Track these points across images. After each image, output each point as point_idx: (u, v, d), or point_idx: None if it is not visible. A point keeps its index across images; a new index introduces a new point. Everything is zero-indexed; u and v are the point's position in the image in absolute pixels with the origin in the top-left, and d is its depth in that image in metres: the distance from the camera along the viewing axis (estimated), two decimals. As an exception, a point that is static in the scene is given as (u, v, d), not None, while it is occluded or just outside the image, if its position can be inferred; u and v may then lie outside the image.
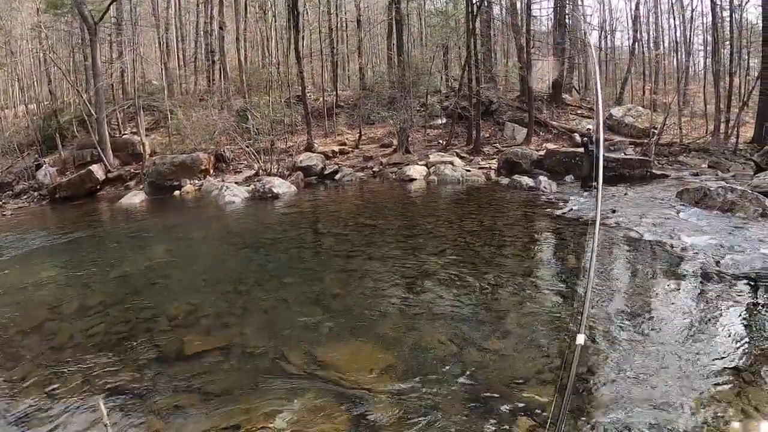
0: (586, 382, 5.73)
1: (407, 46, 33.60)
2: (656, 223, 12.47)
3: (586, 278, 3.42)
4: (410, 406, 5.49)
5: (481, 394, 5.65)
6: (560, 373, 5.77)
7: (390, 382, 6.01)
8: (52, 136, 31.98)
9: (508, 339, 6.94)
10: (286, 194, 21.05)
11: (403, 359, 6.55)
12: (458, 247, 11.86)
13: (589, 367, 6.05)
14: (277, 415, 5.45)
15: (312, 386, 6.00)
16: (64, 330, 8.30)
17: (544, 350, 6.54)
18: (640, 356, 6.22)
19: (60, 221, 19.81)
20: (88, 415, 5.70)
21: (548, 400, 5.33)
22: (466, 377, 6.03)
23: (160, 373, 6.58)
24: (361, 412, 5.45)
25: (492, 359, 6.42)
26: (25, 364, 7.14)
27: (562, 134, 27.62)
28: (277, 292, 9.43)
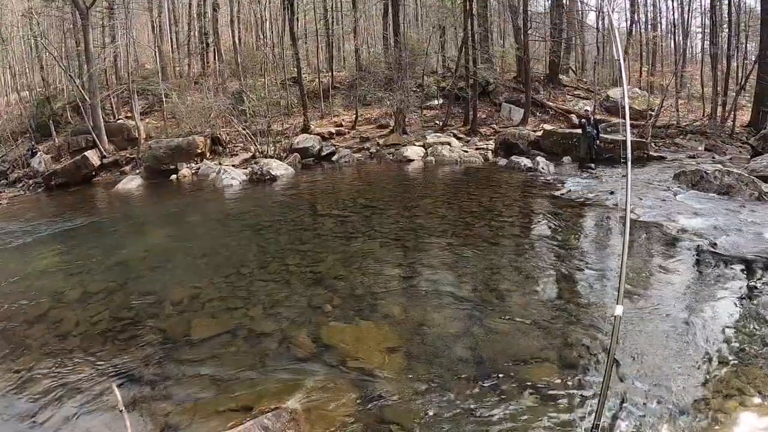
0: (589, 357, 5.90)
1: (403, 27, 33.33)
2: (654, 205, 12.51)
3: (621, 253, 3.47)
4: (417, 384, 5.57)
5: (487, 372, 5.73)
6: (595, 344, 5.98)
7: (396, 361, 6.09)
8: (45, 123, 31.73)
9: (511, 317, 7.00)
10: (283, 176, 21.08)
11: (408, 339, 6.62)
12: (459, 227, 11.92)
13: (592, 343, 6.16)
14: (288, 395, 5.50)
15: (321, 367, 6.08)
16: (69, 318, 8.27)
17: (547, 327, 6.60)
18: (637, 335, 6.31)
19: (57, 209, 19.65)
20: (101, 401, 5.74)
21: (552, 377, 5.46)
22: (470, 355, 6.12)
23: (168, 358, 6.62)
24: (369, 391, 5.52)
25: (496, 337, 6.49)
26: (33, 353, 7.14)
27: (559, 115, 27.61)
28: (279, 275, 9.45)
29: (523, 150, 21.52)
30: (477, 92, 27.10)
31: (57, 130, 31.36)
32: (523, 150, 21.52)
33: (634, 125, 24.46)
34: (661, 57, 37.01)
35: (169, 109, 30.34)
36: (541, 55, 33.44)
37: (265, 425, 4.84)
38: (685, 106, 28.22)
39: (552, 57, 31.27)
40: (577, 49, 37.11)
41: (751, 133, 22.27)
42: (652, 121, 23.60)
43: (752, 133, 22.14)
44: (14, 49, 38.01)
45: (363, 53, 35.77)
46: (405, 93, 26.21)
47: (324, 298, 8.09)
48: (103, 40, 35.33)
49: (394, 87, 26.55)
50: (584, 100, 28.30)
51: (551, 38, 30.19)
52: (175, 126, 29.10)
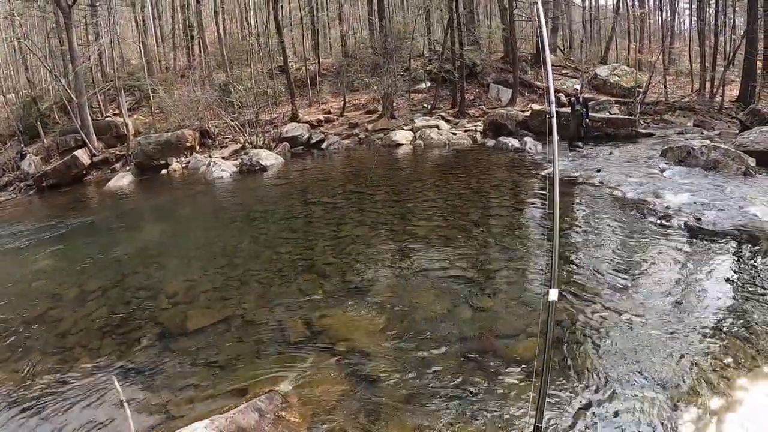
0: (567, 336, 6.00)
1: (388, 11, 33.30)
2: (640, 182, 12.63)
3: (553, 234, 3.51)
4: (406, 364, 5.76)
5: (473, 350, 5.94)
6: (538, 329, 6.01)
7: (386, 342, 6.27)
8: (33, 125, 31.47)
9: (497, 296, 7.20)
10: (273, 166, 21.10)
11: (397, 320, 6.78)
12: (446, 209, 12.04)
13: (569, 322, 6.28)
14: (281, 379, 5.68)
15: (312, 351, 6.25)
16: (67, 317, 8.39)
17: (532, 306, 6.74)
18: (620, 310, 6.46)
19: (49, 210, 19.59)
20: (102, 395, 5.88)
21: (535, 354, 5.51)
22: (458, 334, 6.29)
23: (165, 350, 6.77)
24: (360, 371, 5.71)
25: (482, 316, 6.68)
26: (33, 353, 7.25)
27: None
28: (271, 263, 9.60)
29: (512, 130, 21.54)
30: (464, 74, 27.00)
31: (45, 130, 31.13)
32: (511, 130, 21.54)
33: (623, 102, 24.48)
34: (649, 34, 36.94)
35: (157, 104, 30.24)
36: (529, 35, 33.29)
37: (258, 407, 5.01)
38: (674, 82, 28.24)
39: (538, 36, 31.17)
40: (564, 28, 36.99)
41: (739, 108, 22.30)
42: (640, 98, 23.57)
43: (741, 107, 22.17)
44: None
45: (349, 39, 35.61)
46: (392, 77, 26.14)
47: (315, 285, 8.25)
48: (87, 38, 35.08)
49: (381, 72, 26.47)
50: (572, 78, 28.20)
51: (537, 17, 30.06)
52: (163, 121, 29.00)
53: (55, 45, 33.30)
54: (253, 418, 4.86)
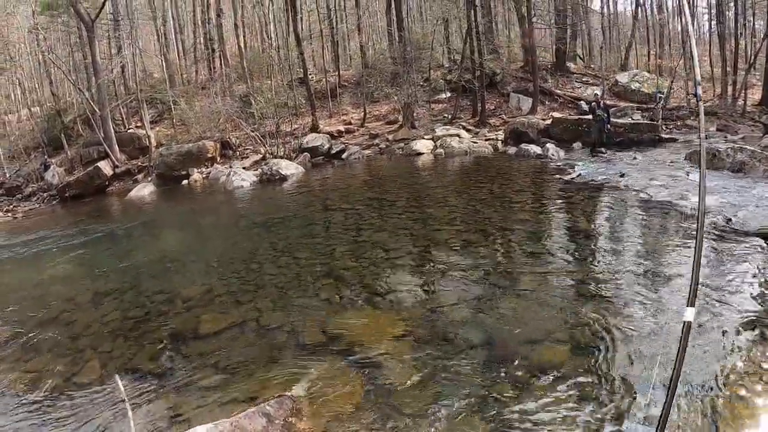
0: (604, 337, 5.71)
1: (407, 21, 33.29)
2: (666, 185, 12.37)
3: (695, 250, 3.07)
4: (426, 371, 5.49)
5: (497, 356, 5.64)
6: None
7: (406, 348, 6.02)
8: (57, 137, 32.09)
9: (521, 301, 6.90)
10: (293, 175, 21.11)
11: (418, 325, 6.55)
12: (468, 214, 11.87)
13: (607, 322, 6.00)
14: (293, 384, 5.49)
15: (328, 356, 6.04)
16: (80, 319, 8.41)
17: (558, 310, 6.49)
18: (655, 312, 6.17)
19: (71, 219, 19.86)
20: (108, 395, 5.81)
21: (562, 360, 5.35)
22: (481, 340, 6.03)
23: (176, 353, 6.69)
24: (377, 378, 5.46)
25: (506, 321, 6.38)
26: (44, 354, 7.26)
27: (568, 103, 27.35)
28: (289, 268, 9.48)
29: (533, 138, 21.34)
30: (484, 83, 26.86)
31: (69, 142, 31.66)
32: (532, 138, 21.34)
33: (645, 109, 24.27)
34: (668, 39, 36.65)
35: (179, 116, 30.49)
36: (548, 43, 33.18)
37: (266, 412, 4.83)
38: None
39: (558, 44, 31.01)
40: (583, 35, 36.80)
41: (762, 111, 22.05)
42: (662, 103, 23.34)
43: (764, 111, 21.91)
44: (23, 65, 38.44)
45: (369, 50, 35.67)
46: (412, 87, 26.08)
47: (333, 289, 8.11)
48: (109, 51, 35.54)
49: (401, 81, 26.44)
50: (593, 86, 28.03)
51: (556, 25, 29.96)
52: (185, 132, 29.25)
53: (79, 59, 33.82)
54: (260, 423, 4.69)
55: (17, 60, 37.01)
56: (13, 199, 28.33)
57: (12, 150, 33.50)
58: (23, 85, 38.96)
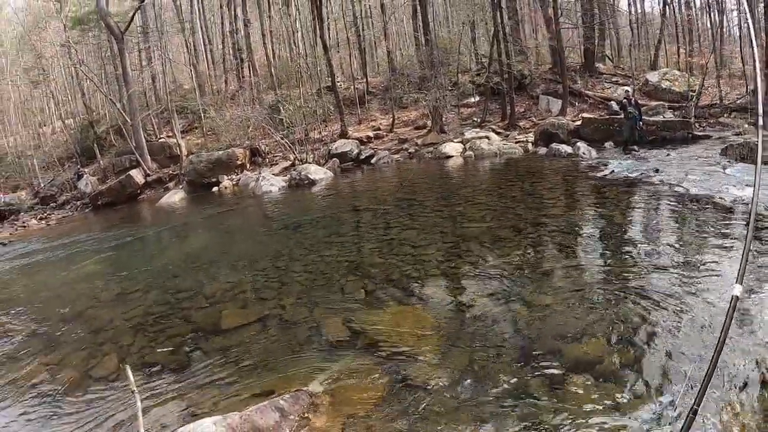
0: (641, 333, 5.47)
1: (433, 26, 33.23)
2: (702, 179, 12.03)
3: (747, 230, 2.98)
4: (454, 368, 5.27)
5: (530, 353, 5.36)
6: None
7: (432, 345, 5.83)
8: (90, 147, 32.86)
9: (555, 296, 6.64)
10: (322, 180, 21.19)
11: (446, 321, 6.39)
12: (499, 211, 11.70)
13: (646, 317, 5.75)
14: (311, 379, 5.38)
15: (350, 352, 5.94)
16: (103, 315, 8.56)
17: (593, 305, 6.24)
18: (693, 306, 5.86)
19: (102, 225, 20.41)
20: (122, 388, 5.85)
21: (598, 355, 5.10)
22: (512, 336, 5.82)
23: (195, 348, 6.70)
24: (401, 375, 5.28)
25: (540, 317, 6.16)
26: (64, 348, 7.40)
27: (598, 103, 26.99)
28: (315, 265, 9.45)
29: (564, 139, 21.03)
30: (513, 86, 26.64)
31: (101, 152, 32.36)
32: (563, 139, 21.03)
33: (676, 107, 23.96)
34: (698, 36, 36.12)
35: (209, 124, 30.82)
36: (575, 44, 32.91)
37: (280, 406, 4.69)
38: (727, 84, 27.46)
39: (586, 45, 30.72)
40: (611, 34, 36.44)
41: (798, 106, 21.57)
42: (693, 101, 23.01)
43: (800, 105, 21.44)
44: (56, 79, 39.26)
45: (396, 56, 35.72)
46: (440, 91, 26.02)
47: (358, 285, 8.01)
48: (140, 63, 36.16)
49: (429, 86, 26.40)
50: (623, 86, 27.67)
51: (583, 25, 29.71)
52: (215, 141, 29.56)
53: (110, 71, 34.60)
54: (272, 418, 4.52)
55: (50, 74, 37.82)
56: (48, 207, 29.15)
57: (46, 160, 34.42)
58: (56, 97, 39.88)
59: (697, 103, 23.11)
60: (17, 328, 8.82)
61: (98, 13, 30.44)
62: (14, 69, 38.84)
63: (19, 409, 5.94)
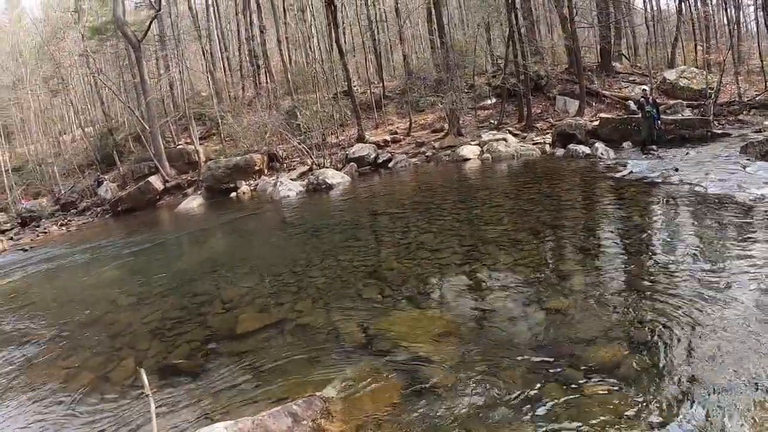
0: (661, 336, 5.37)
1: (448, 28, 33.23)
2: (722, 178, 11.87)
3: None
4: (471, 372, 5.22)
5: (547, 358, 5.29)
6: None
7: (449, 348, 5.79)
8: (109, 154, 33.39)
9: (573, 299, 6.57)
10: (340, 184, 21.31)
11: (463, 325, 6.36)
12: (516, 214, 11.68)
13: (666, 321, 5.65)
14: (326, 384, 5.36)
15: (367, 356, 5.92)
16: (121, 320, 8.70)
17: (612, 308, 6.17)
18: (715, 308, 5.75)
19: (121, 230, 20.71)
20: (136, 391, 5.91)
21: (617, 360, 5.02)
22: (529, 339, 5.76)
23: (211, 352, 6.75)
24: (417, 379, 5.25)
25: (558, 320, 6.10)
26: (83, 352, 7.53)
27: (615, 103, 26.83)
28: (331, 270, 9.49)
29: (581, 140, 20.89)
30: (529, 87, 26.55)
31: (121, 159, 32.86)
32: (581, 140, 20.89)
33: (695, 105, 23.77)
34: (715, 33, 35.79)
35: (226, 131, 31.02)
36: (591, 43, 32.77)
37: (293, 411, 4.65)
38: (746, 80, 27.19)
39: (602, 44, 30.54)
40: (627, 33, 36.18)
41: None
42: (712, 99, 22.80)
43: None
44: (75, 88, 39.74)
45: (412, 60, 35.73)
46: (456, 93, 25.98)
47: (375, 290, 8.00)
48: (157, 71, 36.51)
49: (445, 88, 26.40)
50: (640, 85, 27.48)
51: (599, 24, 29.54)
52: (233, 147, 29.77)
53: (128, 79, 34.98)
54: (285, 423, 4.48)
55: (69, 83, 38.29)
56: (68, 213, 29.80)
57: (66, 168, 34.94)
58: (76, 106, 40.48)
59: (716, 101, 22.89)
60: (38, 331, 8.98)
61: (115, 22, 30.87)
62: (34, 78, 39.33)
63: (37, 411, 6.04)
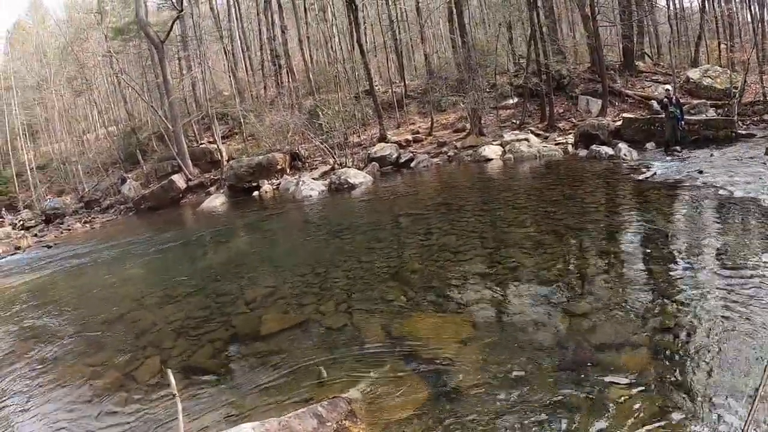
0: (685, 342, 5.37)
1: (469, 27, 33.14)
2: (747, 180, 11.72)
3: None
4: (494, 376, 5.24)
5: (569, 362, 5.32)
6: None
7: (472, 352, 5.81)
8: (133, 153, 33.75)
9: (597, 304, 6.56)
10: (362, 184, 21.40)
11: (486, 329, 6.39)
12: (539, 216, 11.65)
13: (690, 327, 5.64)
14: (350, 386, 5.41)
15: (390, 359, 5.94)
16: (145, 318, 8.84)
17: (635, 313, 6.13)
18: (741, 315, 5.68)
19: (145, 228, 21.02)
20: (163, 391, 5.98)
21: (640, 366, 5.00)
22: (552, 344, 5.76)
23: (235, 352, 6.86)
24: (440, 383, 5.28)
25: (581, 325, 6.09)
26: (107, 350, 7.67)
27: (638, 103, 26.63)
28: (354, 271, 9.54)
29: (604, 140, 20.76)
30: (551, 86, 26.42)
31: (144, 158, 33.23)
32: (603, 140, 20.76)
33: (719, 105, 23.54)
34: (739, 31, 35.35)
35: (249, 130, 31.25)
36: (614, 42, 32.57)
37: (318, 413, 4.68)
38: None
39: (625, 43, 30.31)
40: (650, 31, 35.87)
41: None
42: (736, 98, 22.57)
43: None
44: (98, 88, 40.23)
45: (433, 60, 35.70)
46: (478, 93, 25.97)
47: (398, 292, 8.02)
48: (180, 70, 36.82)
49: (467, 88, 26.39)
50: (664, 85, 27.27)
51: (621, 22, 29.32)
52: (255, 146, 30.03)
53: (151, 79, 35.33)
54: (310, 424, 4.51)
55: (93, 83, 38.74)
56: (92, 211, 30.12)
57: (90, 166, 35.35)
58: (99, 105, 41.02)
59: (740, 101, 22.60)
60: (63, 329, 9.15)
61: (138, 23, 31.22)
62: (58, 79, 39.75)
63: (63, 409, 6.16)
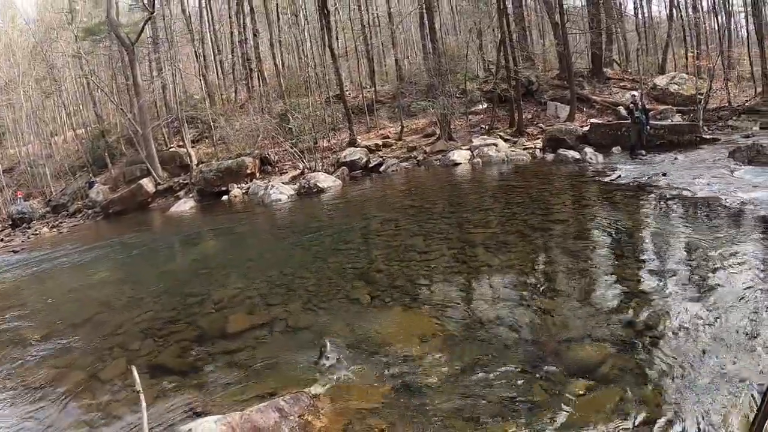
0: (648, 337, 5.44)
1: (440, 33, 33.33)
2: (709, 182, 11.97)
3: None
4: (457, 371, 5.33)
5: (533, 357, 5.43)
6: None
7: (436, 348, 5.88)
8: (101, 156, 33.35)
9: (559, 300, 6.70)
10: (331, 188, 21.36)
11: (450, 325, 6.45)
12: (504, 217, 11.71)
13: (651, 321, 5.75)
14: (313, 381, 5.48)
15: (355, 356, 5.99)
16: (112, 320, 8.73)
17: (597, 309, 6.27)
18: (702, 310, 5.82)
19: (113, 232, 20.74)
20: (127, 390, 5.97)
21: (601, 360, 5.11)
22: (515, 340, 5.85)
23: (202, 351, 6.83)
24: (404, 378, 5.35)
25: (543, 320, 6.20)
26: (72, 352, 7.61)
27: (606, 109, 26.96)
28: (321, 272, 9.55)
29: (571, 145, 20.93)
30: (520, 92, 26.64)
31: (113, 161, 32.89)
32: (571, 145, 20.94)
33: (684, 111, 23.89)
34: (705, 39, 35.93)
35: (219, 134, 31.02)
36: (583, 49, 32.94)
37: (280, 407, 4.76)
38: (736, 86, 27.37)
39: (594, 50, 30.68)
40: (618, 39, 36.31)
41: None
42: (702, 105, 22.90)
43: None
44: (67, 89, 39.73)
45: (404, 65, 35.82)
46: (448, 98, 26.08)
47: (363, 291, 8.09)
48: (150, 73, 36.48)
49: (437, 93, 26.49)
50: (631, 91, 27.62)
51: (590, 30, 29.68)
52: (225, 150, 29.80)
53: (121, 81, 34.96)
54: (272, 418, 4.59)
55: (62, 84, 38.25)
56: (59, 215, 29.70)
57: (58, 169, 34.86)
58: (68, 107, 40.44)
59: (706, 107, 23.00)
60: (29, 332, 9.01)
61: (109, 24, 30.90)
62: (26, 79, 39.16)
63: (28, 410, 6.09)
